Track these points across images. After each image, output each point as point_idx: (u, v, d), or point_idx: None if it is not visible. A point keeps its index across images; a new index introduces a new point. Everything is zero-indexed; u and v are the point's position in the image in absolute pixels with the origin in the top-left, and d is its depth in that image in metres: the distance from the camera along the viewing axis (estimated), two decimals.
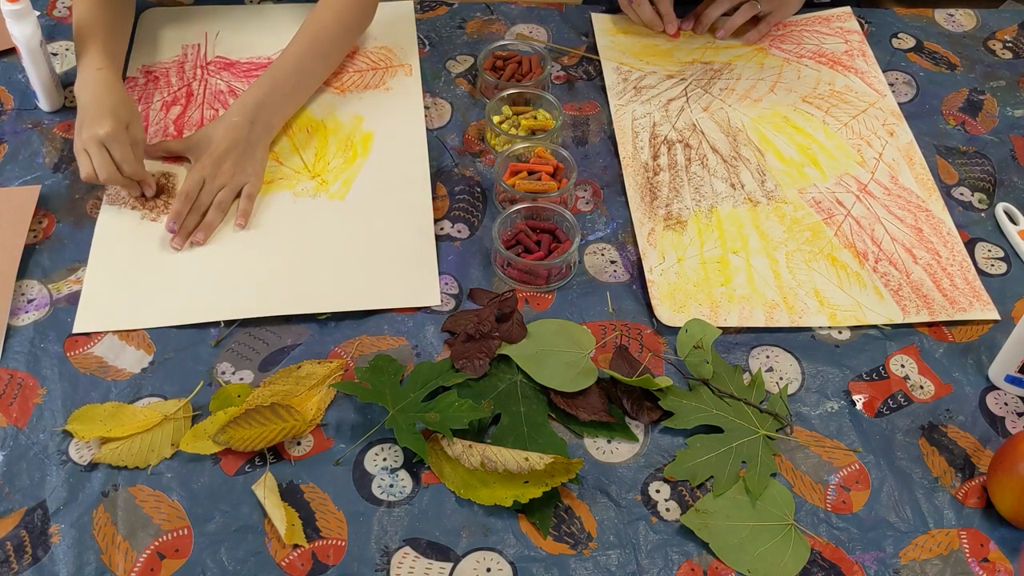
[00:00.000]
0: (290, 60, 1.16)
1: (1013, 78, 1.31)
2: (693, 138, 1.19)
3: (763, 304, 1.02)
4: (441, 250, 1.07)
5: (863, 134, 1.21)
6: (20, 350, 0.96)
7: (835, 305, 1.03)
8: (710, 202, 1.12)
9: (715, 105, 1.24)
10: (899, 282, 1.05)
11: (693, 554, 0.85)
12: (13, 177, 1.12)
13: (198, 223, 1.07)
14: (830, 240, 1.09)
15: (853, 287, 1.04)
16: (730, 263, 1.06)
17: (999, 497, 0.87)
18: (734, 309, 1.02)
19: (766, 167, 1.17)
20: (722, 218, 1.11)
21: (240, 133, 1.10)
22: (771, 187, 1.14)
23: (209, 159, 1.09)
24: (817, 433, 0.94)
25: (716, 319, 1.01)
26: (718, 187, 1.14)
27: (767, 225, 1.10)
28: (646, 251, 1.07)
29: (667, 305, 1.02)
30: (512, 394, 0.94)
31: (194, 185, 1.07)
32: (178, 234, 1.05)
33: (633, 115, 1.22)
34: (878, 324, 1.02)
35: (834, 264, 1.07)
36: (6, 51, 1.27)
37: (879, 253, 1.08)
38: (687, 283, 1.04)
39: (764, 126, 1.22)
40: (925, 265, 1.07)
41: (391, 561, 0.83)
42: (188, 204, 1.06)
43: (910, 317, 1.02)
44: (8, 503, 0.86)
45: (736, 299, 1.03)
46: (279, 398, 0.92)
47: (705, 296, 1.03)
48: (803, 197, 1.14)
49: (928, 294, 1.04)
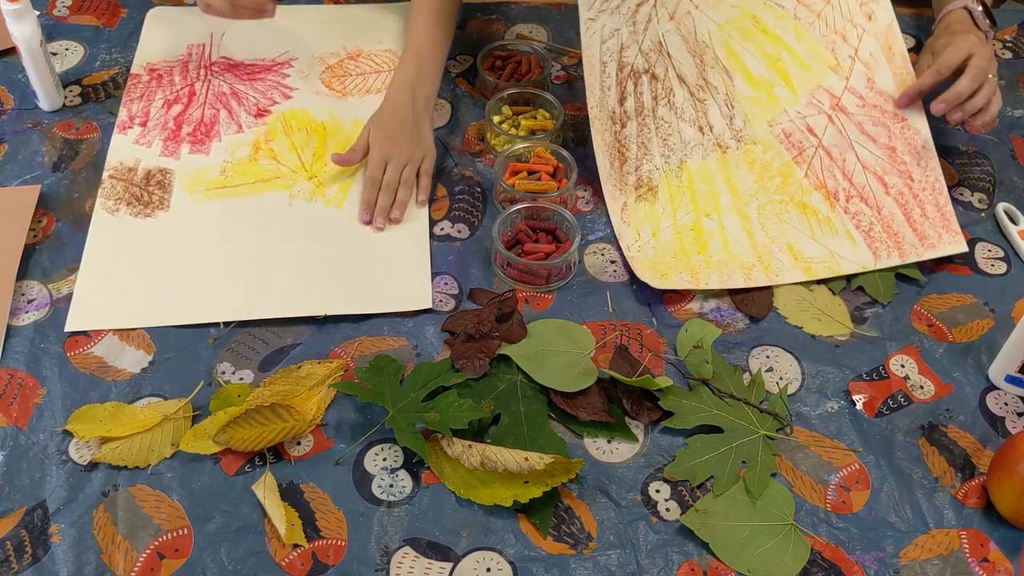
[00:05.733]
0: (421, 33, 1.19)
1: (1013, 78, 1.31)
2: (659, 65, 1.14)
3: (740, 267, 1.04)
4: (441, 250, 1.07)
5: (837, 25, 1.14)
6: (20, 350, 0.96)
7: (809, 258, 1.04)
8: (679, 155, 1.11)
9: (682, 8, 1.16)
10: (870, 221, 1.06)
11: (693, 554, 0.85)
12: (13, 177, 1.12)
13: (391, 202, 1.10)
14: (800, 184, 1.09)
15: (825, 235, 1.05)
16: (703, 229, 1.07)
17: (999, 497, 0.87)
18: (713, 274, 1.03)
19: (735, 96, 1.13)
20: (692, 175, 1.10)
21: (406, 111, 1.13)
22: (740, 125, 1.12)
23: (386, 140, 1.12)
24: (817, 433, 0.94)
25: (698, 284, 1.03)
26: (686, 134, 1.12)
27: (737, 176, 1.10)
28: (621, 230, 1.07)
29: (650, 273, 1.03)
30: (512, 394, 0.94)
31: (377, 168, 1.11)
32: (375, 218, 1.09)
33: (602, 35, 1.15)
34: (850, 273, 1.04)
35: (805, 212, 1.07)
36: (6, 51, 1.27)
37: (850, 189, 1.08)
38: (665, 255, 1.05)
39: (731, 35, 1.15)
40: (896, 195, 1.07)
41: (391, 561, 0.83)
42: (375, 189, 1.10)
43: (881, 262, 1.04)
44: (8, 503, 0.86)
45: (714, 264, 1.04)
46: (279, 398, 0.92)
47: (684, 265, 1.04)
48: (772, 131, 1.11)
49: (899, 231, 1.05)
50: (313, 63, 1.28)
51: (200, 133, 1.18)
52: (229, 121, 1.20)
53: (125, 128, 1.18)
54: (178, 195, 1.11)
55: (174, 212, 1.10)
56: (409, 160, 1.12)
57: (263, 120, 1.20)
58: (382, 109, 1.15)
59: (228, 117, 1.20)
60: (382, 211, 1.09)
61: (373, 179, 1.11)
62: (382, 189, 1.10)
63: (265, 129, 1.19)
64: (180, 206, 1.10)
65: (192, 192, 1.12)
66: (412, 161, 1.12)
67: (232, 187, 1.13)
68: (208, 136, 1.18)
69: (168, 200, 1.11)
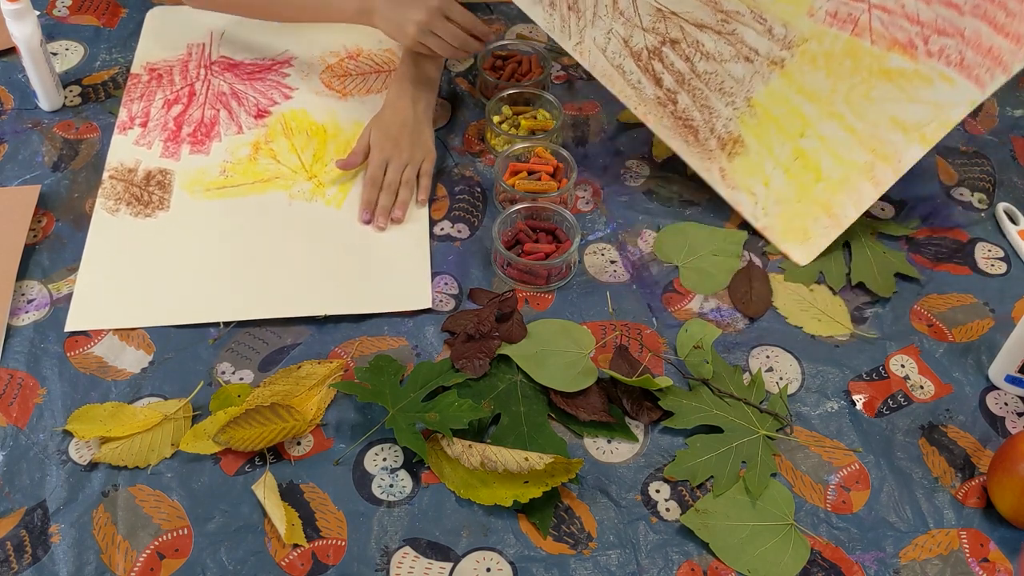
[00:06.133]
0: None
1: (1013, 78, 1.31)
2: (671, 28, 1.07)
3: (862, 173, 0.98)
4: (441, 250, 1.07)
5: None
6: (20, 350, 0.96)
7: (917, 123, 0.97)
8: (743, 95, 1.05)
9: None
10: (959, 51, 0.98)
11: (693, 554, 0.85)
12: (13, 177, 1.12)
13: (393, 202, 1.10)
14: (872, 53, 1.00)
15: (921, 90, 0.98)
16: (806, 151, 1.01)
17: (999, 497, 0.87)
18: (843, 198, 0.97)
19: (760, 8, 1.04)
20: (764, 105, 1.04)
21: (407, 112, 1.14)
22: (782, 32, 1.04)
23: (387, 141, 1.13)
24: (817, 433, 0.94)
25: (841, 220, 0.99)
26: (736, 71, 1.05)
27: (808, 82, 1.02)
28: (736, 199, 1.03)
29: (794, 243, 0.98)
30: (512, 394, 0.94)
31: (378, 168, 1.11)
32: (376, 217, 1.09)
33: (599, 47, 1.10)
34: (963, 117, 0.97)
35: (891, 78, 0.99)
36: (6, 51, 1.27)
37: (922, 31, 0.99)
38: (789, 202, 0.99)
39: None
40: (971, 9, 0.97)
41: (391, 561, 0.83)
42: (376, 189, 1.11)
43: (989, 87, 0.96)
44: (8, 503, 0.86)
45: (837, 185, 0.98)
46: (279, 398, 0.92)
47: (812, 203, 0.99)
48: (816, 20, 1.02)
49: (991, 44, 0.96)
50: (313, 62, 1.28)
51: (200, 133, 1.18)
52: (229, 121, 1.20)
53: (125, 129, 1.18)
54: (178, 195, 1.11)
55: (174, 212, 1.10)
56: (410, 161, 1.12)
57: (263, 121, 1.20)
58: (383, 111, 1.15)
59: (228, 117, 1.20)
60: (383, 211, 1.09)
61: (374, 179, 1.11)
62: (383, 189, 1.10)
63: (265, 131, 1.19)
64: (180, 206, 1.10)
65: (192, 192, 1.12)
66: (413, 162, 1.12)
67: (232, 187, 1.13)
68: (208, 136, 1.18)
69: (168, 200, 1.11)
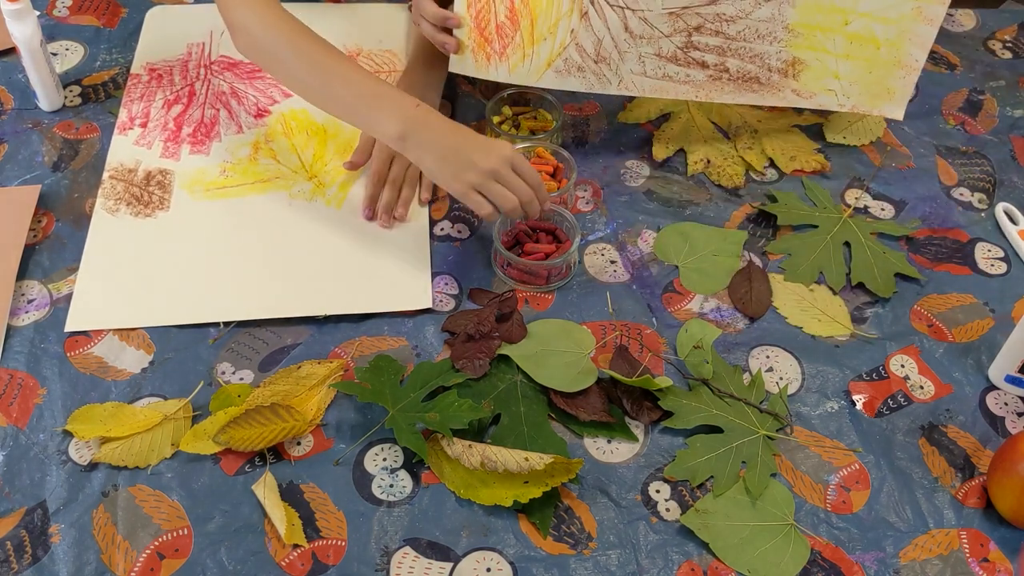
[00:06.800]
0: (429, 40, 1.16)
1: (1013, 78, 1.31)
2: (691, 20, 1.04)
3: (912, 19, 1.06)
4: (441, 250, 1.07)
5: None
6: (20, 350, 0.96)
7: None
8: (780, 24, 1.04)
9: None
10: None
11: (693, 554, 0.85)
12: (13, 177, 1.12)
13: (396, 198, 1.09)
14: None
15: None
16: (858, 33, 1.05)
17: (999, 497, 0.87)
18: (907, 48, 1.06)
19: None
20: (802, 23, 1.04)
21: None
22: None
23: None
24: (817, 433, 0.94)
25: (915, 67, 1.08)
26: (764, 14, 1.04)
27: None
28: (818, 102, 1.08)
29: (885, 104, 1.06)
30: (512, 394, 0.94)
31: (383, 164, 1.10)
32: (379, 213, 1.08)
33: (641, 73, 1.07)
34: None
35: None
36: (6, 51, 1.27)
37: None
38: (866, 77, 1.06)
39: None
40: None
41: (391, 561, 0.83)
42: (380, 184, 1.09)
43: None
44: (8, 503, 0.86)
45: (896, 42, 1.06)
46: (279, 398, 0.92)
47: (883, 66, 1.06)
48: None
49: None
50: None
51: (200, 133, 1.18)
52: (229, 121, 1.20)
53: (125, 129, 1.18)
54: (178, 195, 1.11)
55: (174, 212, 1.10)
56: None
57: (263, 121, 1.20)
58: None
59: (228, 117, 1.20)
60: (386, 207, 1.09)
61: (379, 174, 1.10)
62: (387, 184, 1.10)
63: (265, 131, 1.19)
64: (180, 206, 1.10)
65: (192, 192, 1.12)
66: None
67: (232, 187, 1.13)
68: (208, 136, 1.18)
69: (168, 200, 1.11)
